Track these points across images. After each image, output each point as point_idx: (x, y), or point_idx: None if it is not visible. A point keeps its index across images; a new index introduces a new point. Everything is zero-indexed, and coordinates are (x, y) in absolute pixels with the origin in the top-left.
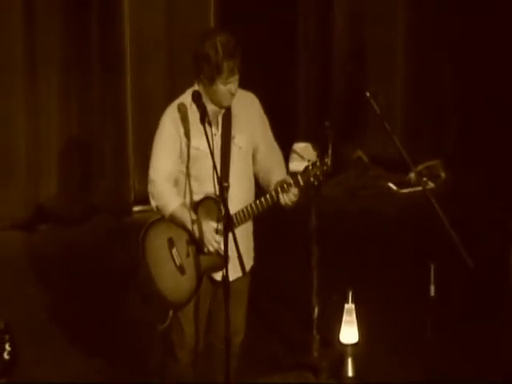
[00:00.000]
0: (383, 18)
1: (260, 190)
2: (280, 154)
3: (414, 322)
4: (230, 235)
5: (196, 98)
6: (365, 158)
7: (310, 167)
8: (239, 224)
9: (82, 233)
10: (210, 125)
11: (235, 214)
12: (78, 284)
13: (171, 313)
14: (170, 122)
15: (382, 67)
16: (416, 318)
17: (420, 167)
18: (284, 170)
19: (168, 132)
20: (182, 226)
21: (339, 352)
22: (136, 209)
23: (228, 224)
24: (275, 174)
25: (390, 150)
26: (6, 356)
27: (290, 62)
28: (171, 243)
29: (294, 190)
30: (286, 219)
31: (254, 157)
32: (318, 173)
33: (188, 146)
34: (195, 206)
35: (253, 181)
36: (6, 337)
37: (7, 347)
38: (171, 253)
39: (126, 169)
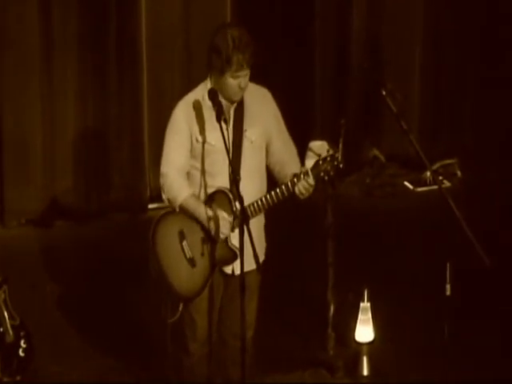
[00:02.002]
0: (400, 17)
1: (273, 184)
2: (294, 147)
3: (429, 322)
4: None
5: (212, 95)
6: (381, 157)
7: (321, 162)
8: (252, 216)
9: (98, 229)
10: (226, 122)
11: (248, 206)
12: (93, 280)
13: (181, 306)
14: (182, 116)
15: (399, 65)
16: (432, 317)
17: (436, 166)
18: (298, 163)
19: (180, 126)
20: (192, 217)
21: (354, 350)
22: (151, 206)
23: (244, 218)
24: (291, 166)
25: (406, 148)
26: (21, 353)
27: (306, 60)
28: (182, 236)
29: (310, 180)
30: (302, 217)
31: (267, 150)
32: (329, 168)
33: (202, 142)
34: (208, 199)
35: (265, 174)
36: (22, 333)
37: (22, 344)
38: (182, 245)
39: (142, 166)
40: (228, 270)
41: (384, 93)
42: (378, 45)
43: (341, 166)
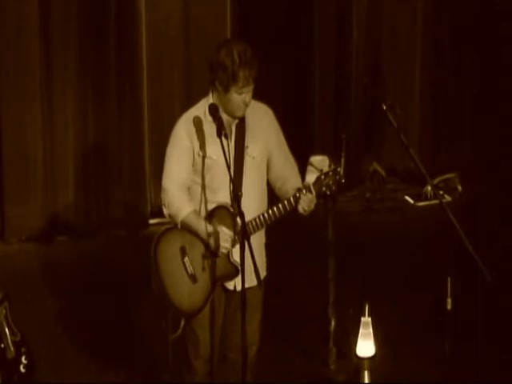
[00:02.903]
0: (400, 31)
1: (274, 200)
2: (295, 163)
3: (431, 336)
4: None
5: (213, 110)
6: (381, 171)
7: (322, 177)
8: (254, 231)
9: (98, 245)
10: (227, 137)
11: (250, 222)
12: (94, 296)
13: (183, 322)
14: (183, 131)
15: (399, 80)
16: (433, 332)
17: (437, 180)
18: (299, 179)
19: (181, 141)
20: (194, 233)
21: (356, 365)
22: (152, 221)
23: (245, 233)
24: (292, 182)
25: (406, 162)
26: (22, 369)
27: (306, 74)
28: (183, 252)
29: (311, 197)
30: (302, 232)
31: (268, 166)
32: (331, 182)
33: (203, 156)
34: (208, 215)
35: (266, 190)
36: (23, 349)
37: (23, 360)
38: (183, 261)
39: (143, 182)
40: (230, 285)
41: (384, 107)
42: (378, 60)
43: (343, 180)
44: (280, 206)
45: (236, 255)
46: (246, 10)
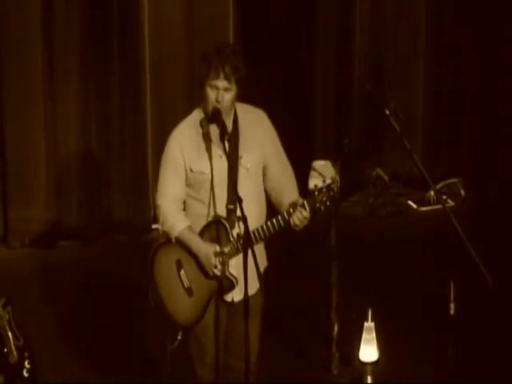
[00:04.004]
0: (403, 37)
1: (272, 209)
2: (291, 171)
3: (433, 341)
4: (239, 258)
5: (215, 114)
6: (384, 176)
7: (316, 193)
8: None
9: (101, 250)
10: (230, 142)
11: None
12: (97, 301)
13: (180, 334)
14: (175, 146)
15: (402, 85)
16: (436, 337)
17: (440, 185)
18: (296, 189)
19: (174, 157)
20: (187, 250)
21: (359, 370)
22: (155, 226)
23: (247, 243)
24: (287, 194)
25: (409, 167)
26: (25, 374)
27: (309, 78)
28: (179, 265)
29: (305, 213)
30: (305, 236)
31: (264, 174)
32: (325, 198)
33: (196, 171)
34: (202, 230)
35: (264, 201)
36: (26, 354)
37: (26, 365)
38: (179, 275)
39: (145, 186)
40: (228, 298)
41: (387, 112)
42: (381, 64)
43: (337, 196)
44: (274, 220)
45: (232, 269)
46: (248, 12)
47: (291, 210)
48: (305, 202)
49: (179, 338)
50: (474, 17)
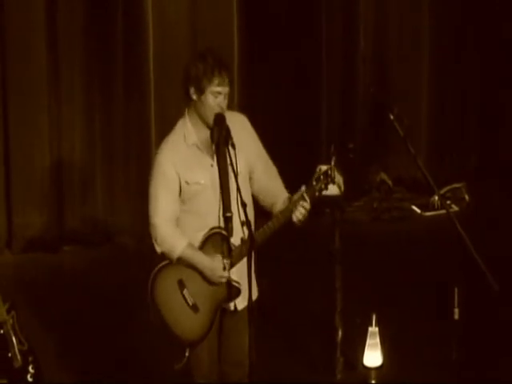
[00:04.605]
0: (407, 41)
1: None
2: (276, 171)
3: (438, 346)
4: (238, 265)
5: (219, 119)
6: (388, 181)
7: (314, 182)
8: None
9: (106, 254)
10: (234, 147)
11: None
12: (102, 306)
13: (187, 352)
14: (166, 161)
15: (407, 89)
16: (440, 342)
17: (444, 190)
18: (284, 188)
19: (165, 172)
20: (191, 267)
21: (363, 375)
22: None
23: (252, 247)
24: (275, 194)
25: (413, 172)
26: (29, 378)
27: (313, 83)
28: (181, 284)
29: (306, 204)
30: (310, 241)
31: (251, 177)
32: (323, 186)
33: (191, 183)
34: (202, 242)
35: (252, 204)
36: (30, 359)
37: (30, 369)
38: (183, 294)
39: None
40: (230, 306)
41: (391, 117)
42: (385, 68)
43: (335, 180)
44: (274, 220)
45: (234, 275)
46: (252, 15)
47: (291, 206)
48: (304, 194)
49: (187, 354)
50: (478, 17)
